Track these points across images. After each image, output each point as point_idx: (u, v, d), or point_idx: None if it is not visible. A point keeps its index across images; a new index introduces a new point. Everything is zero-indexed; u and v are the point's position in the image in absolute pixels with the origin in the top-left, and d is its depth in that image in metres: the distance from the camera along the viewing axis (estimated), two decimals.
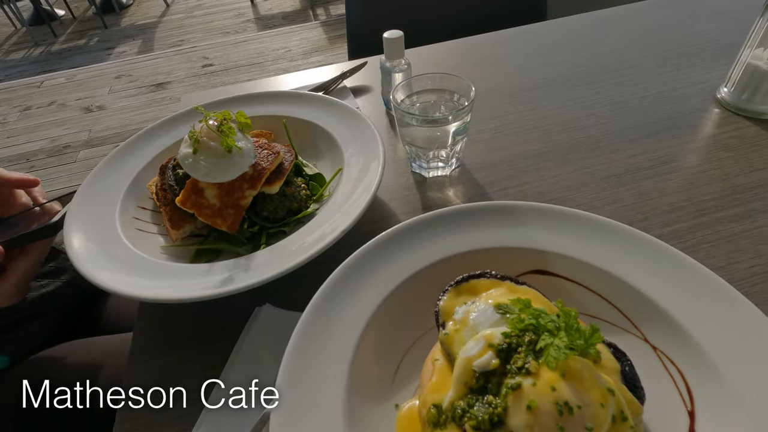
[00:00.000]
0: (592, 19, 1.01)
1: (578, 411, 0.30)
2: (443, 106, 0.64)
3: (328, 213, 0.53)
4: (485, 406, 0.32)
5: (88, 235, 0.52)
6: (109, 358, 0.64)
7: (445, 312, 0.39)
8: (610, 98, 0.76)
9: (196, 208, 0.53)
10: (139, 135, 0.67)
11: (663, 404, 0.36)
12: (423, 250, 0.46)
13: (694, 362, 0.37)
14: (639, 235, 0.44)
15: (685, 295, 0.40)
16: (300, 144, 0.66)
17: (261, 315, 0.49)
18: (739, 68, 0.68)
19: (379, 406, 0.39)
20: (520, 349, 0.33)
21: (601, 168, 0.63)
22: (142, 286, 0.46)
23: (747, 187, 0.58)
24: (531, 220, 0.47)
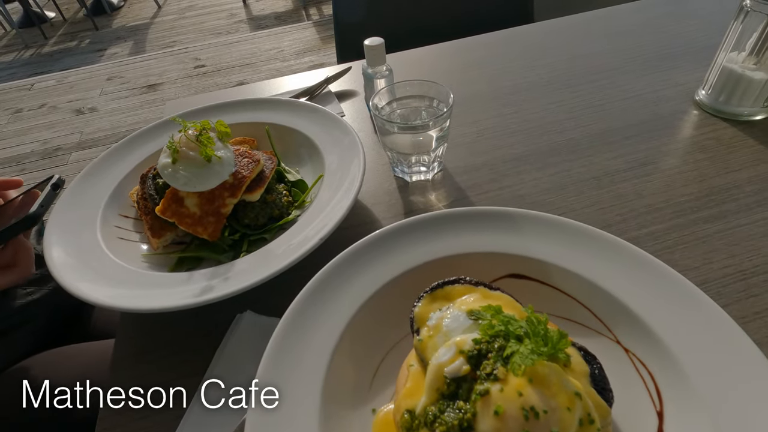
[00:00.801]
0: (574, 21, 1.02)
1: (544, 416, 0.30)
2: (424, 112, 0.64)
3: (309, 219, 0.54)
4: (455, 411, 0.33)
5: (69, 245, 0.52)
6: (96, 364, 0.65)
7: (420, 318, 0.40)
8: (591, 101, 0.77)
9: (176, 216, 0.53)
10: (121, 143, 0.67)
11: (633, 405, 0.37)
12: (400, 256, 0.47)
13: (664, 364, 0.38)
14: (612, 240, 0.45)
15: (656, 298, 0.41)
16: (282, 150, 0.67)
17: (242, 321, 0.50)
18: (716, 71, 0.69)
19: (357, 411, 0.40)
20: (490, 355, 0.34)
21: (580, 171, 0.64)
22: (122, 296, 0.46)
23: (722, 189, 0.59)
24: (507, 225, 0.48)
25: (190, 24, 4.38)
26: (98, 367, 0.63)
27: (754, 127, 0.68)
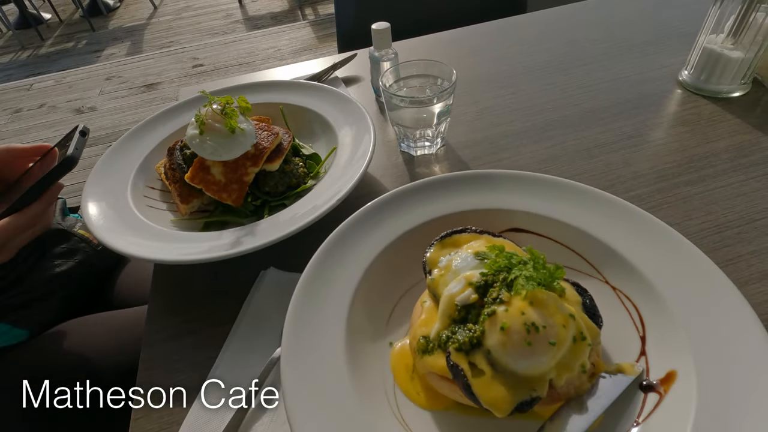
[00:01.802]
0: (567, 11, 1.07)
1: (543, 330, 0.35)
2: (428, 89, 0.69)
3: (324, 186, 0.59)
4: (466, 331, 0.37)
5: (105, 212, 0.56)
6: (120, 330, 0.69)
7: (432, 262, 0.45)
8: (582, 82, 0.82)
9: (203, 184, 0.57)
10: (142, 124, 0.72)
11: (620, 332, 0.42)
12: (410, 213, 0.52)
13: (647, 297, 0.43)
14: (600, 194, 0.50)
15: (639, 242, 0.46)
16: (296, 128, 0.71)
17: (266, 277, 0.54)
18: (697, 52, 0.75)
19: (376, 344, 0.44)
20: (496, 285, 0.39)
21: (573, 144, 0.69)
22: (160, 250, 0.50)
23: (702, 157, 0.64)
24: (506, 185, 0.53)
25: (187, 24, 4.41)
26: (128, 330, 0.68)
27: (732, 104, 0.73)
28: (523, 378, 0.35)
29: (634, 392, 0.38)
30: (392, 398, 0.41)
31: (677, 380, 0.37)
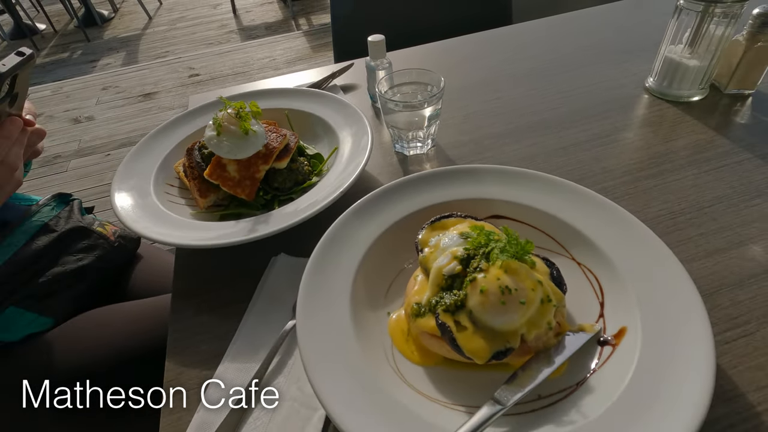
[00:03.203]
0: (548, 23, 1.16)
1: (515, 292, 0.43)
2: (420, 95, 0.77)
3: (327, 182, 0.66)
4: (452, 296, 0.45)
5: (132, 205, 0.63)
6: (140, 317, 0.76)
7: (423, 242, 0.52)
8: (561, 88, 0.90)
9: (220, 180, 0.64)
10: (159, 129, 0.78)
11: (583, 298, 0.50)
12: (404, 203, 0.59)
13: (605, 270, 0.50)
14: (568, 184, 0.58)
15: (600, 224, 0.53)
16: (300, 131, 0.78)
17: (277, 262, 0.61)
18: (660, 61, 0.83)
19: (376, 313, 0.51)
20: (476, 257, 0.46)
21: (551, 143, 0.77)
22: (184, 237, 0.57)
23: (662, 154, 0.72)
24: (488, 178, 0.61)
25: (182, 35, 4.48)
26: (148, 317, 0.74)
27: (693, 107, 0.82)
28: (499, 332, 0.43)
29: (592, 346, 0.46)
30: (391, 357, 0.48)
31: (627, 334, 0.44)
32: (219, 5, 5.01)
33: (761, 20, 0.74)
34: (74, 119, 3.21)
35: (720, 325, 0.49)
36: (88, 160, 2.78)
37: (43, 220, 0.82)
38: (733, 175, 0.67)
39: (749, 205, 0.62)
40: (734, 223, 0.60)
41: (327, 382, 0.42)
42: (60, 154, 2.86)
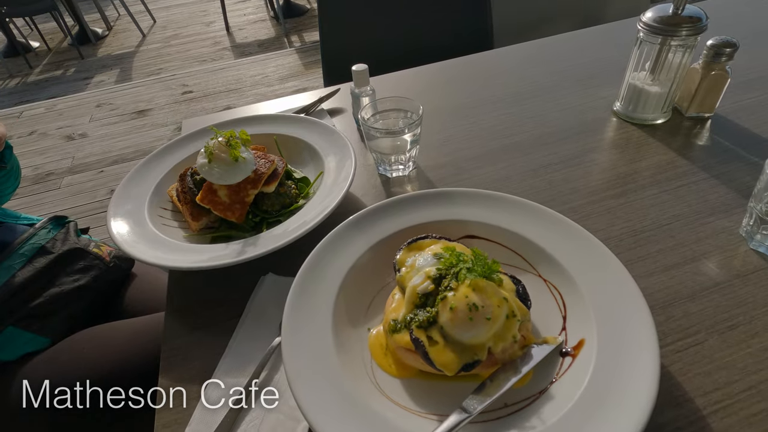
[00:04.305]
0: (524, 48, 1.23)
1: (482, 309, 0.47)
2: (401, 121, 0.82)
3: (313, 205, 0.70)
4: (425, 313, 0.49)
5: (128, 230, 0.67)
6: (136, 334, 0.78)
7: (400, 262, 0.56)
8: (533, 112, 0.96)
9: (211, 204, 0.68)
10: (152, 155, 0.82)
11: (548, 312, 0.54)
12: (384, 225, 0.63)
13: (568, 286, 0.55)
14: (536, 206, 0.62)
15: (565, 244, 0.58)
16: (288, 155, 0.83)
17: (265, 281, 0.65)
18: (625, 87, 0.89)
19: (357, 329, 0.55)
20: (447, 276, 0.50)
21: (523, 165, 0.82)
22: (177, 260, 0.61)
23: (627, 174, 0.77)
24: (461, 200, 0.65)
25: (175, 52, 4.54)
26: (142, 334, 0.77)
27: (657, 129, 0.88)
28: (467, 346, 0.47)
29: (555, 357, 0.50)
30: (370, 371, 0.52)
31: (585, 346, 0.49)
32: (212, 23, 5.09)
33: (714, 51, 0.80)
34: (68, 136, 3.24)
35: (673, 335, 0.54)
36: (82, 177, 2.80)
37: (40, 242, 0.85)
38: (690, 194, 0.72)
39: (704, 222, 0.67)
40: (689, 239, 0.65)
41: (309, 395, 0.45)
42: (53, 171, 2.88)
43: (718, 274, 0.60)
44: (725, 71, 0.82)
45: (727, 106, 0.89)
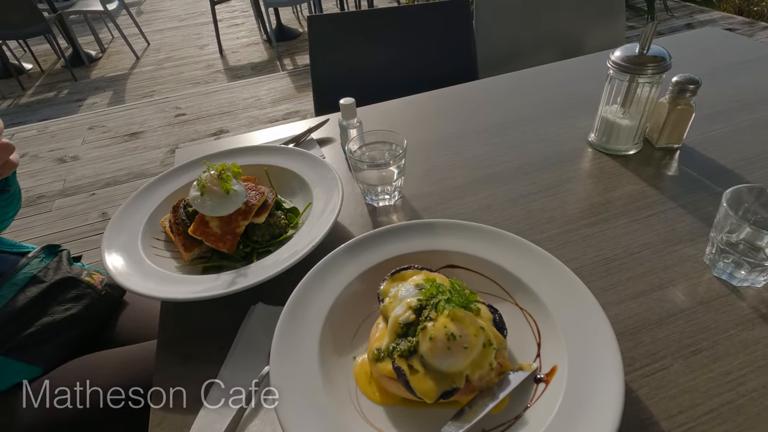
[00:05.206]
0: (506, 79, 1.28)
1: (459, 338, 0.50)
2: (386, 153, 0.86)
3: (302, 235, 0.73)
4: (406, 342, 0.51)
5: (121, 261, 0.69)
6: (128, 362, 0.80)
7: (384, 292, 0.59)
8: (514, 142, 1.00)
9: (203, 235, 0.71)
10: (145, 187, 0.84)
11: (523, 339, 0.57)
12: (369, 255, 0.66)
13: (542, 315, 0.58)
14: (513, 237, 0.66)
15: (540, 275, 0.61)
16: (278, 186, 0.86)
17: (255, 311, 0.67)
18: (598, 119, 0.94)
19: (342, 358, 0.58)
20: (428, 307, 0.53)
21: (503, 195, 0.86)
22: (169, 291, 0.63)
23: (600, 204, 0.81)
24: (443, 231, 0.69)
25: (169, 74, 4.59)
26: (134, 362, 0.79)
27: (630, 160, 0.92)
28: (446, 374, 0.49)
29: (530, 383, 0.53)
30: (354, 398, 0.54)
31: (557, 372, 0.51)
32: (206, 46, 5.17)
33: (679, 87, 0.85)
34: (59, 159, 3.24)
35: (641, 360, 0.57)
36: (73, 200, 2.80)
37: (32, 271, 0.86)
38: (659, 223, 0.76)
39: (671, 250, 0.71)
40: (658, 267, 0.69)
41: (296, 422, 0.48)
42: (44, 194, 2.88)
43: (684, 300, 0.64)
44: (690, 106, 0.87)
45: (695, 137, 0.95)
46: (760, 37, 3.91)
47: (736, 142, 0.93)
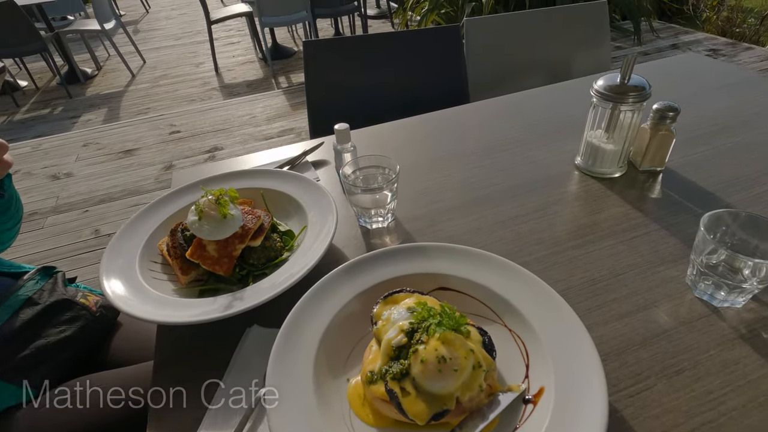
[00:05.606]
0: (494, 103, 1.33)
1: (450, 361, 0.51)
2: (380, 177, 0.88)
3: (297, 258, 0.75)
4: (398, 365, 0.53)
5: (121, 285, 0.70)
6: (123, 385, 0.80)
7: (377, 315, 0.61)
8: (503, 165, 1.04)
9: (200, 259, 0.72)
10: (143, 211, 0.86)
11: (512, 361, 0.59)
12: (363, 278, 0.68)
13: (530, 336, 0.60)
14: (505, 262, 0.68)
15: (528, 297, 0.63)
16: (274, 209, 0.88)
17: (251, 333, 0.68)
18: (584, 143, 0.98)
19: (336, 380, 0.59)
20: (419, 330, 0.55)
21: (492, 217, 0.89)
22: (166, 315, 0.64)
23: (587, 226, 0.84)
24: (435, 254, 0.71)
25: (164, 92, 4.63)
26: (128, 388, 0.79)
27: (615, 183, 0.96)
28: (437, 396, 0.51)
29: (519, 404, 0.54)
30: (348, 420, 0.55)
31: (545, 393, 0.53)
32: (201, 63, 5.24)
33: (659, 114, 0.89)
34: (53, 176, 3.24)
35: (626, 381, 0.59)
36: (66, 216, 2.80)
37: (27, 294, 0.87)
38: (643, 245, 0.79)
39: (655, 272, 0.74)
40: (642, 288, 0.71)
41: None
42: (37, 211, 2.87)
43: (667, 321, 0.66)
44: (671, 131, 0.91)
45: (677, 160, 0.99)
46: (742, 58, 4.05)
47: (716, 165, 0.97)
